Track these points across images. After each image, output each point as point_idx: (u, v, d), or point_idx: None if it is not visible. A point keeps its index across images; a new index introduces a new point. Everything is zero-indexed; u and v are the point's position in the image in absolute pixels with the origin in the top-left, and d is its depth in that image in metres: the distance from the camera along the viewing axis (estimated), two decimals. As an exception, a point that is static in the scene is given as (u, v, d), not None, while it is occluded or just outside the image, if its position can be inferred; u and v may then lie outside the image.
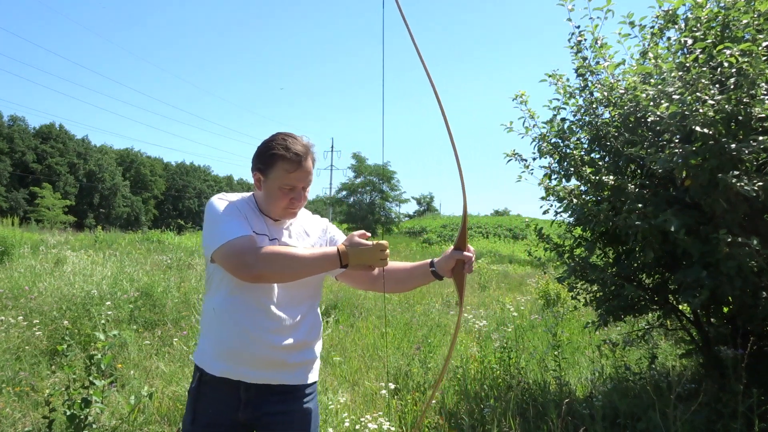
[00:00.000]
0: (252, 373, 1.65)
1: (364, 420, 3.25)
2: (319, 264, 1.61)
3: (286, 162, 1.64)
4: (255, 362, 1.64)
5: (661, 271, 3.36)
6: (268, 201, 1.70)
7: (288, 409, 1.70)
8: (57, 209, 42.46)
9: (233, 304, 1.65)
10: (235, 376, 1.65)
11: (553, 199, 3.53)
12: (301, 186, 1.70)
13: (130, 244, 15.20)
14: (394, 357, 4.95)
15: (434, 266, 1.73)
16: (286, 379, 1.70)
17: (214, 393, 1.68)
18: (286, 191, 1.67)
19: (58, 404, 2.99)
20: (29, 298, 5.88)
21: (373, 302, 7.94)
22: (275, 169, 1.66)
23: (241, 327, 1.63)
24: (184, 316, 6.11)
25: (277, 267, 1.57)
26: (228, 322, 1.65)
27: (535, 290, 9.38)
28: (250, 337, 1.63)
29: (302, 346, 1.72)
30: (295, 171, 1.65)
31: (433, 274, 1.73)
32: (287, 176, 1.65)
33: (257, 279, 1.58)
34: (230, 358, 1.64)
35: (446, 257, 1.70)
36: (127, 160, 67.89)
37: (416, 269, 1.77)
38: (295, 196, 1.68)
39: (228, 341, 1.65)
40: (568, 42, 3.56)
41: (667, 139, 2.80)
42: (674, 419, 2.74)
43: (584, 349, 5.27)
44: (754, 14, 2.76)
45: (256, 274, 1.55)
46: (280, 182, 1.66)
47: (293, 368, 1.70)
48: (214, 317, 1.69)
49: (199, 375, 1.72)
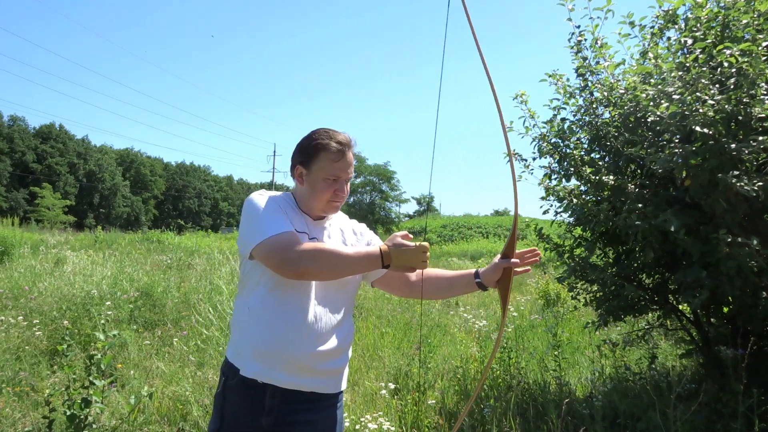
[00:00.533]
0: (285, 378, 1.60)
1: (364, 420, 3.25)
2: (362, 263, 1.58)
3: (330, 152, 1.64)
4: (289, 366, 1.59)
5: (661, 271, 3.36)
6: (311, 195, 1.68)
7: (312, 418, 1.65)
8: (57, 209, 42.49)
9: (271, 305, 1.61)
10: (265, 379, 1.60)
11: (553, 199, 3.53)
12: (345, 177, 1.69)
13: (130, 244, 15.22)
14: (394, 357, 4.95)
15: (479, 277, 1.70)
16: (318, 386, 1.65)
17: (238, 398, 1.64)
18: (330, 182, 1.66)
19: (58, 404, 2.99)
20: (29, 298, 5.89)
21: (373, 302, 7.94)
22: (319, 160, 1.65)
23: (278, 328, 1.59)
24: (184, 316, 6.11)
25: (321, 264, 1.54)
26: (265, 323, 1.60)
27: (535, 290, 9.37)
28: (287, 339, 1.58)
29: (337, 352, 1.68)
30: (339, 161, 1.65)
31: (478, 285, 1.71)
32: (332, 166, 1.64)
33: (301, 275, 1.55)
34: (265, 360, 1.60)
35: (493, 267, 1.67)
36: (127, 160, 67.94)
37: (459, 279, 1.75)
38: (338, 188, 1.67)
39: (264, 342, 1.60)
40: (568, 42, 3.55)
41: (667, 139, 2.79)
42: (674, 419, 2.74)
43: (584, 349, 5.27)
44: (754, 14, 2.76)
45: (300, 271, 1.52)
46: (324, 173, 1.65)
47: (326, 375, 1.66)
48: (249, 317, 1.64)
49: (224, 380, 1.68)
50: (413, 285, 1.77)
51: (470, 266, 15.99)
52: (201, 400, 3.61)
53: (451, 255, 20.44)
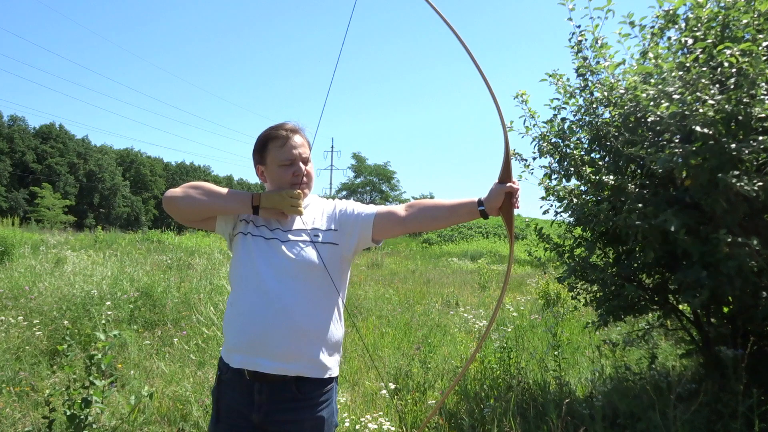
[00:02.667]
0: (266, 363, 1.62)
1: (364, 420, 3.25)
2: (233, 199, 1.69)
3: (275, 139, 1.74)
4: (267, 351, 1.62)
5: (661, 271, 3.36)
6: (275, 185, 1.76)
7: (299, 418, 1.66)
8: (57, 209, 42.47)
9: (239, 296, 1.70)
10: (250, 366, 1.64)
11: (553, 199, 3.53)
12: (298, 158, 1.74)
13: (130, 244, 15.21)
14: (394, 357, 4.95)
15: (482, 205, 1.66)
16: (303, 371, 1.65)
17: (231, 392, 1.70)
18: (285, 167, 1.74)
19: (58, 404, 3.00)
20: (29, 298, 5.88)
21: (373, 302, 7.94)
22: (269, 152, 1.75)
23: (246, 315, 1.66)
24: (184, 316, 6.11)
25: (192, 192, 1.68)
26: (238, 314, 1.68)
27: (535, 290, 9.37)
28: (255, 323, 1.63)
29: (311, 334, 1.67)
30: (284, 144, 1.73)
31: (480, 213, 1.66)
32: (280, 151, 1.73)
33: (168, 202, 1.71)
34: (245, 348, 1.65)
35: (494, 194, 1.63)
36: (127, 160, 67.94)
37: (460, 207, 1.69)
38: (296, 170, 1.74)
39: (243, 332, 1.66)
40: (569, 42, 3.56)
41: (667, 139, 2.79)
42: (674, 419, 2.74)
43: (584, 349, 5.27)
44: (754, 14, 2.76)
45: (169, 197, 1.69)
46: (277, 161, 1.74)
47: (305, 360, 1.66)
48: (230, 311, 1.73)
49: (219, 375, 1.75)
50: (405, 220, 1.73)
51: (471, 267, 15.99)
52: (201, 400, 3.62)
53: (451, 255, 20.45)
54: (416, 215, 1.72)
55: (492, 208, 1.65)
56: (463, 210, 1.70)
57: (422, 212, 1.72)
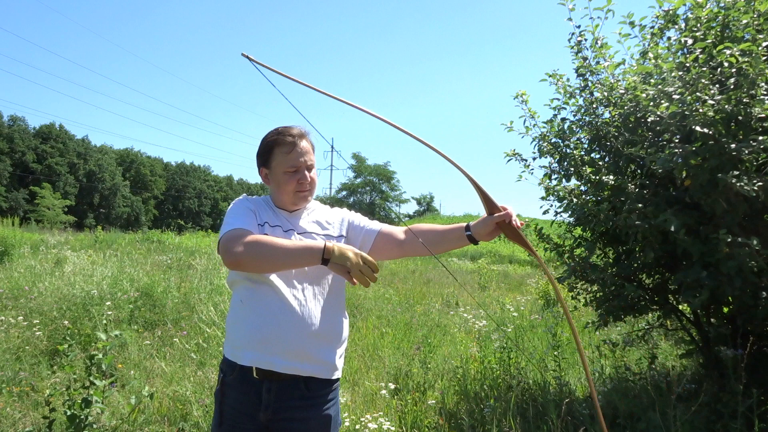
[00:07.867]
0: (280, 362, 1.63)
1: (364, 420, 3.25)
2: (301, 254, 1.58)
3: (282, 145, 1.72)
4: (283, 350, 1.63)
5: (661, 271, 3.36)
6: (279, 190, 1.75)
7: (307, 416, 1.68)
8: (57, 209, 42.43)
9: (260, 294, 1.67)
10: (263, 365, 1.64)
11: (553, 199, 3.53)
12: (304, 166, 1.74)
13: (130, 244, 15.20)
14: (394, 357, 4.95)
15: (470, 230, 1.70)
16: (312, 371, 1.67)
17: (236, 393, 1.69)
18: (290, 174, 1.73)
19: (58, 404, 3.00)
20: (29, 298, 5.88)
21: (373, 302, 7.94)
22: (275, 156, 1.74)
23: (268, 314, 1.64)
24: (184, 316, 6.11)
25: (257, 252, 1.56)
26: (256, 311, 1.66)
27: (535, 290, 9.38)
28: (276, 322, 1.63)
29: (327, 338, 1.70)
30: (292, 151, 1.72)
31: (468, 239, 1.71)
32: (286, 158, 1.72)
33: (237, 265, 1.60)
34: (261, 346, 1.64)
35: (483, 222, 1.68)
36: (127, 160, 67.91)
37: (450, 232, 1.75)
38: (300, 177, 1.73)
39: (259, 329, 1.64)
40: (569, 42, 3.56)
41: (667, 139, 2.79)
42: (674, 419, 2.74)
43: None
44: (754, 14, 2.76)
45: (235, 260, 1.57)
46: (282, 167, 1.72)
47: (318, 361, 1.68)
48: (242, 309, 1.70)
49: (222, 376, 1.74)
50: (403, 243, 1.78)
51: (470, 267, 15.99)
52: (201, 400, 3.62)
53: (451, 255, 20.44)
54: (413, 240, 1.77)
55: (480, 233, 1.68)
56: (452, 235, 1.74)
57: (419, 236, 1.77)
